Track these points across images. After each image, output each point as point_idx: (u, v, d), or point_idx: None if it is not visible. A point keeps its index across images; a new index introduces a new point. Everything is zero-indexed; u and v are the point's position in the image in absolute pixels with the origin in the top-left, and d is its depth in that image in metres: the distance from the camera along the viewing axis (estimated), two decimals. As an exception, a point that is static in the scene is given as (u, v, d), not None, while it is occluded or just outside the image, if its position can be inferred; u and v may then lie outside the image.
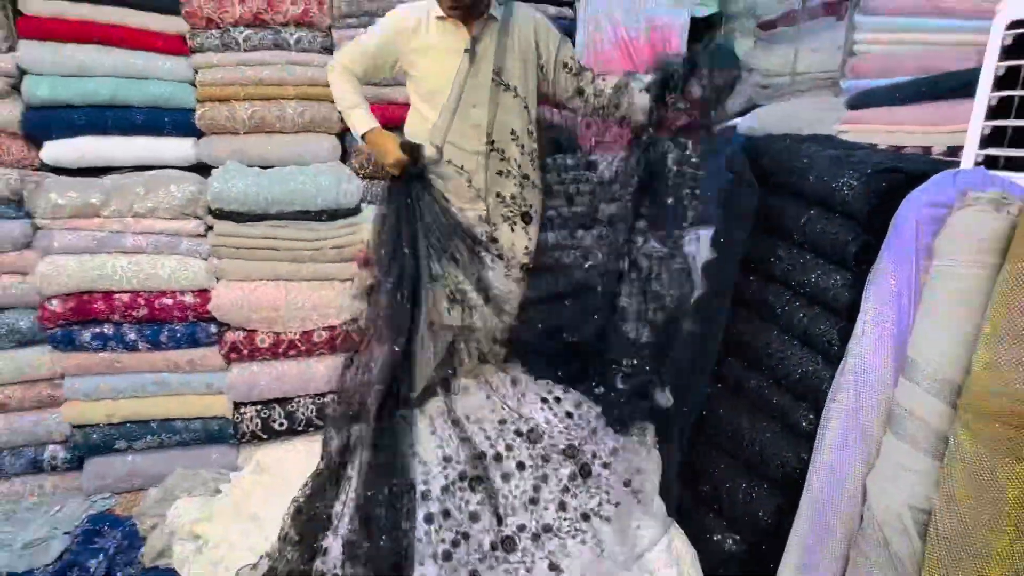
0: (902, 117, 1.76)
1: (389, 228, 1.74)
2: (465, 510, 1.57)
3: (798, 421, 1.44)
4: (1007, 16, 1.19)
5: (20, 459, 1.96)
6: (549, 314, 2.06)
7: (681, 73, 1.74)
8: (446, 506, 1.56)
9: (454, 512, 1.56)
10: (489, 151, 1.81)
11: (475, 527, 1.55)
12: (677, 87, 1.74)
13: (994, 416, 1.04)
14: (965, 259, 1.13)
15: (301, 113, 2.11)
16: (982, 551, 1.03)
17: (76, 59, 1.92)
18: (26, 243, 1.88)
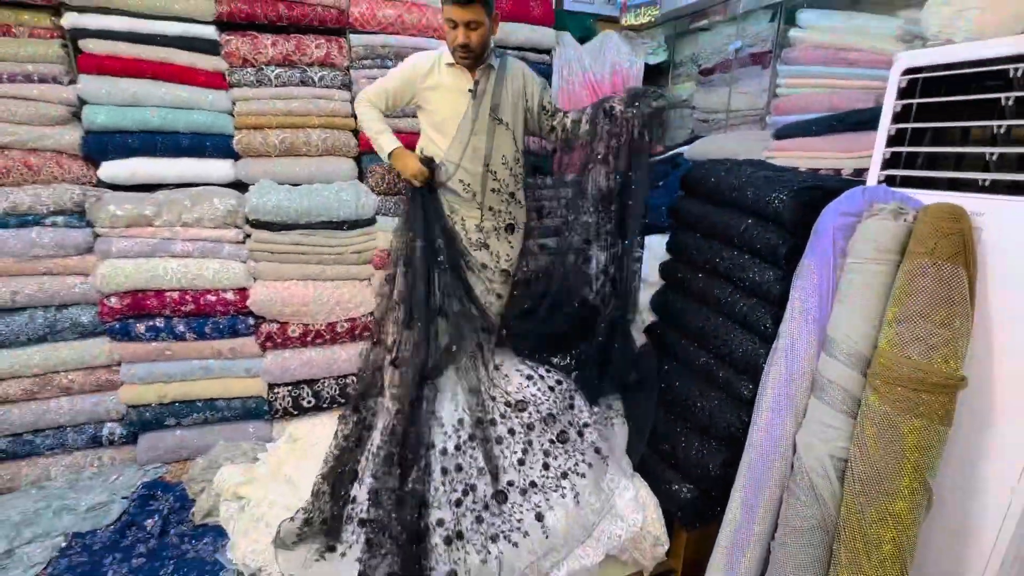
0: (817, 146, 1.78)
1: (410, 227, 1.79)
2: (474, 466, 1.57)
3: (740, 390, 1.45)
4: (901, 66, 1.24)
5: (82, 435, 1.89)
6: (532, 307, 2.07)
7: (609, 106, 1.79)
8: (458, 461, 1.56)
9: (465, 467, 1.56)
10: (486, 172, 1.84)
11: (481, 480, 1.56)
12: (608, 115, 1.78)
13: (896, 381, 1.07)
14: (872, 257, 1.16)
15: (324, 139, 2.08)
16: (889, 489, 1.07)
17: (130, 91, 1.86)
18: (88, 248, 1.81)
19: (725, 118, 2.58)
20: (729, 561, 1.35)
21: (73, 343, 1.85)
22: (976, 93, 1.10)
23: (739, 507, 1.35)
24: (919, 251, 1.08)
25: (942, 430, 1.05)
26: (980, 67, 1.09)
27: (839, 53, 1.91)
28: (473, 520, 1.49)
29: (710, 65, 2.71)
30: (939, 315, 1.04)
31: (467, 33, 1.66)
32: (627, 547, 1.61)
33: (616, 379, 1.89)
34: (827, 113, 1.88)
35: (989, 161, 1.10)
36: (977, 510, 1.12)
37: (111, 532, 1.61)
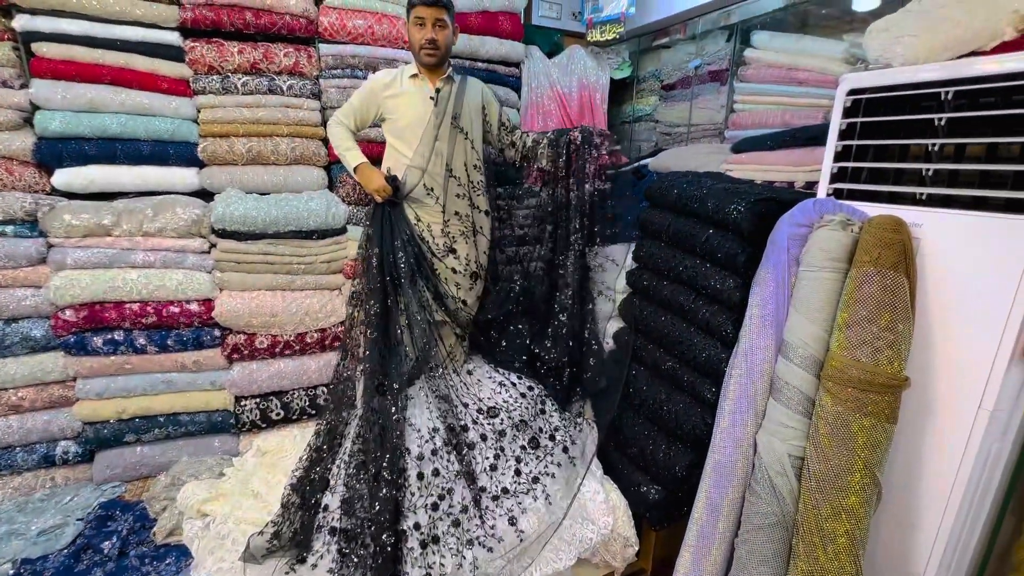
0: (772, 159, 1.85)
1: (372, 240, 1.80)
2: (451, 470, 1.55)
3: (703, 393, 1.48)
4: (846, 87, 1.31)
5: (32, 455, 1.77)
6: (502, 316, 2.07)
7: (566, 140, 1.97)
8: (435, 466, 1.54)
9: (442, 471, 1.54)
10: (448, 175, 1.88)
11: (458, 485, 1.54)
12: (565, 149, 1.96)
13: (847, 382, 1.12)
14: (823, 265, 1.21)
15: (293, 148, 2.04)
16: (842, 485, 1.11)
17: (86, 97, 1.78)
18: (40, 259, 1.71)
19: (686, 131, 2.66)
20: (696, 559, 1.38)
21: (23, 358, 1.74)
22: (913, 114, 1.17)
23: (704, 506, 1.38)
24: (864, 260, 1.14)
25: (889, 427, 1.10)
26: (916, 90, 1.16)
27: (790, 72, 2.00)
28: (450, 524, 1.47)
29: (672, 81, 2.80)
30: (883, 319, 1.10)
31: (435, 30, 1.74)
32: (598, 549, 1.62)
33: (586, 384, 1.91)
34: (781, 128, 1.97)
35: (925, 176, 1.17)
36: (921, 502, 1.18)
37: (64, 556, 1.51)
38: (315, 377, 2.00)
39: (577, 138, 1.94)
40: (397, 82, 1.85)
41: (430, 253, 1.87)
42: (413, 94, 1.84)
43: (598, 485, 1.69)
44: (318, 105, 2.10)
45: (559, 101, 2.66)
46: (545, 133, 2.04)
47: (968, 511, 1.12)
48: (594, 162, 1.94)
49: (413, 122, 1.84)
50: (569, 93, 2.68)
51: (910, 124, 1.19)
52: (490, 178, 2.06)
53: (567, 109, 2.67)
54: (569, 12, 2.92)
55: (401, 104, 1.84)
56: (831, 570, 1.11)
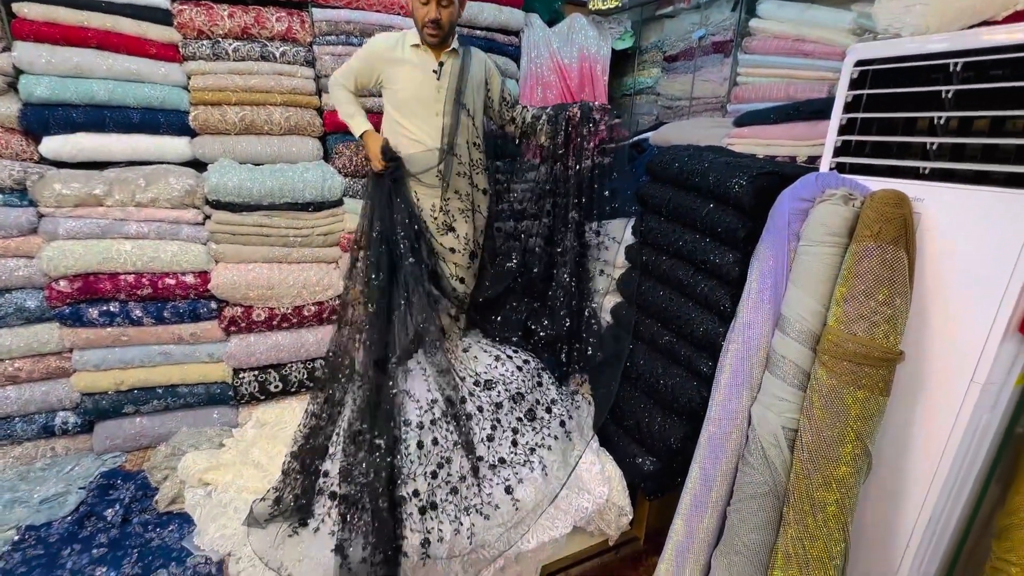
0: (774, 133, 1.83)
1: (370, 212, 1.78)
2: (449, 439, 1.58)
3: (700, 367, 1.50)
4: (854, 57, 1.29)
5: (32, 425, 1.78)
6: (500, 291, 2.07)
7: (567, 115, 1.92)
8: (434, 435, 1.57)
9: (440, 441, 1.57)
10: (450, 154, 1.83)
11: (456, 454, 1.57)
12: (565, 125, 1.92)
13: (843, 356, 1.14)
14: (823, 240, 1.21)
15: (287, 118, 2.00)
16: (833, 455, 1.14)
17: (72, 61, 1.73)
18: (31, 229, 1.68)
19: (688, 105, 2.62)
20: (688, 526, 1.42)
21: (18, 329, 1.73)
22: (921, 86, 1.16)
23: (698, 477, 1.41)
24: (865, 234, 1.14)
25: (882, 400, 1.12)
26: (924, 61, 1.15)
27: (796, 44, 1.96)
28: (448, 492, 1.51)
29: (674, 52, 2.74)
30: (881, 294, 1.11)
31: (439, 9, 1.68)
32: (593, 518, 1.67)
33: (583, 360, 1.92)
34: (784, 102, 1.94)
35: (930, 150, 1.16)
36: (910, 472, 1.21)
37: (68, 523, 1.54)
38: (313, 350, 2.01)
39: (576, 114, 1.91)
40: (399, 49, 1.78)
41: (428, 231, 1.86)
42: (415, 65, 1.78)
43: (594, 456, 1.72)
44: (312, 73, 2.05)
45: (559, 72, 2.60)
46: (544, 109, 2.00)
47: (955, 481, 1.16)
48: (592, 138, 1.91)
49: (413, 95, 1.79)
50: (569, 64, 2.62)
51: (916, 97, 1.18)
52: (488, 155, 2.04)
53: (567, 80, 2.61)
54: (570, -22, 2.83)
55: (402, 74, 1.78)
56: (820, 537, 1.15)
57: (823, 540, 1.14)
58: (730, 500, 1.36)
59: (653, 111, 2.90)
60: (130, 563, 1.41)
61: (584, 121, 1.90)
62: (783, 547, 1.21)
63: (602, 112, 1.92)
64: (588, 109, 1.91)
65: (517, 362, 1.92)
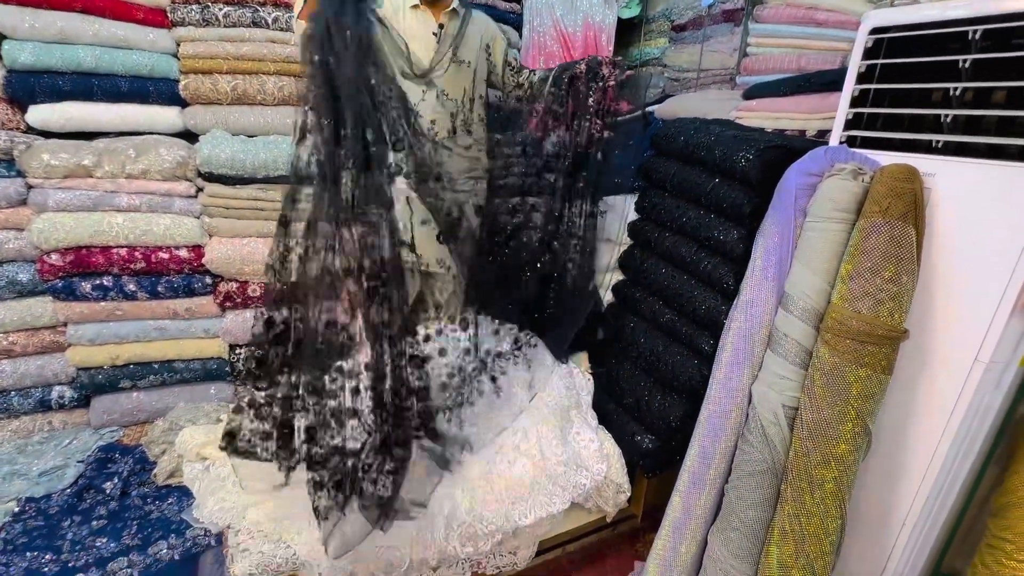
0: (783, 106, 1.81)
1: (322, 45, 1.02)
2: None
3: (701, 345, 1.50)
4: (869, 25, 1.25)
5: (28, 399, 1.80)
6: (500, 267, 2.06)
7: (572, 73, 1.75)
8: None
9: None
10: (454, 60, 1.78)
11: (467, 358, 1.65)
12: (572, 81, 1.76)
13: (846, 334, 1.13)
14: (830, 216, 1.20)
15: (281, 88, 1.96)
16: (833, 434, 1.14)
17: (56, 26, 1.69)
18: (20, 200, 1.67)
19: (696, 77, 2.57)
20: (686, 503, 1.44)
21: (11, 303, 1.73)
22: (937, 55, 1.13)
23: (697, 454, 1.42)
24: (873, 210, 1.13)
25: (884, 379, 1.12)
26: (942, 28, 1.11)
27: (809, 13, 1.91)
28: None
29: (683, 21, 2.67)
30: (888, 271, 1.10)
31: None
32: (591, 495, 1.69)
33: (583, 337, 1.92)
34: (795, 74, 1.91)
35: (944, 123, 1.14)
36: (909, 450, 1.22)
37: (68, 496, 1.57)
38: (310, 326, 2.01)
39: (583, 70, 1.77)
40: (400, 13, 1.74)
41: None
42: (415, 28, 1.74)
43: (592, 434, 1.73)
44: (306, 40, 2.00)
45: (562, 41, 2.55)
46: (551, 70, 1.93)
47: (954, 460, 1.17)
48: (601, 95, 1.81)
49: (414, 59, 1.76)
50: (573, 32, 2.56)
51: (932, 67, 1.15)
52: (490, 128, 1.99)
53: (570, 50, 2.56)
54: (575, -58, 2.74)
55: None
56: (816, 514, 1.16)
57: (820, 517, 1.16)
58: (728, 478, 1.37)
59: (660, 83, 2.85)
60: (130, 535, 1.44)
61: (592, 78, 1.75)
62: (780, 523, 1.23)
63: (611, 66, 1.76)
64: (596, 64, 1.76)
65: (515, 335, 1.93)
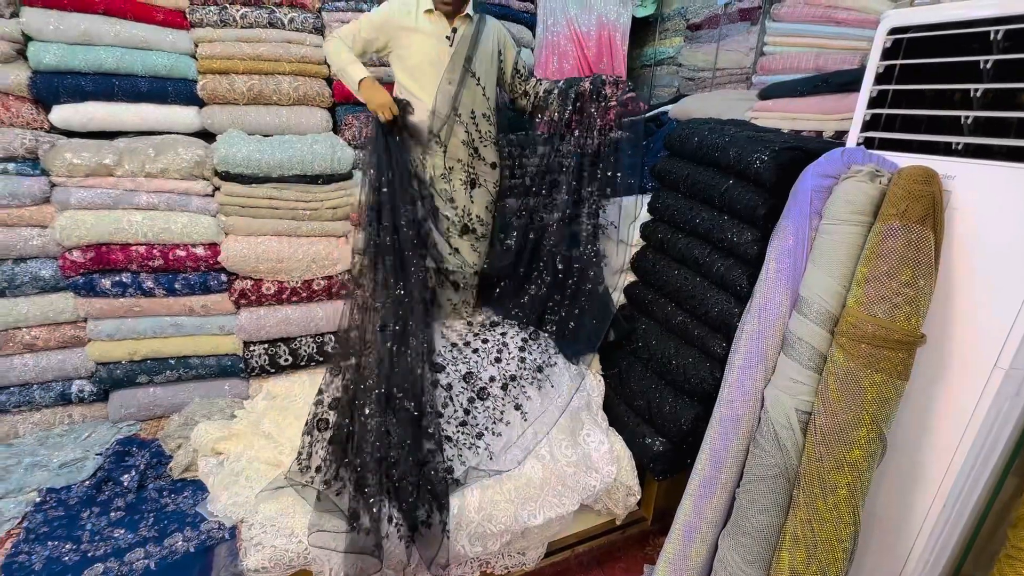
0: (800, 107, 1.81)
1: (375, 170, 1.76)
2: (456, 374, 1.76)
3: (713, 348, 1.51)
4: (888, 24, 1.25)
5: (49, 392, 1.85)
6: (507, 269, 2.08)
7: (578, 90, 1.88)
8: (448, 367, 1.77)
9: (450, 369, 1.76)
10: (455, 118, 1.84)
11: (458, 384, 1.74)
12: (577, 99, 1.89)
13: (861, 339, 1.13)
14: (846, 219, 1.20)
15: (296, 88, 2.00)
16: (847, 439, 1.14)
17: (80, 28, 1.75)
18: (44, 198, 1.72)
19: (711, 76, 2.56)
20: (697, 506, 1.44)
21: (34, 298, 1.78)
22: (959, 55, 1.12)
23: (708, 458, 1.42)
24: (891, 213, 1.12)
25: (900, 384, 1.12)
26: (963, 28, 1.11)
27: (828, 11, 1.91)
28: (457, 425, 1.61)
29: (698, 20, 2.67)
30: (905, 275, 1.09)
31: None
32: (601, 497, 1.70)
33: (594, 338, 1.93)
34: (812, 74, 1.90)
35: (964, 125, 1.13)
36: (926, 457, 1.21)
37: (87, 487, 1.62)
38: (322, 324, 2.04)
39: (587, 89, 1.87)
40: (412, 16, 1.77)
41: (432, 192, 1.86)
42: (427, 33, 1.78)
43: (603, 435, 1.75)
44: (321, 41, 2.04)
45: (576, 40, 2.56)
46: (557, 82, 1.97)
47: (972, 468, 1.16)
48: (603, 115, 1.87)
49: (424, 62, 1.79)
50: (587, 32, 2.57)
51: (952, 67, 1.14)
52: (501, 129, 2.01)
53: (584, 50, 2.57)
54: (590, -60, 2.74)
55: (414, 41, 1.78)
56: (829, 520, 1.16)
57: (832, 523, 1.16)
58: (740, 481, 1.37)
59: (674, 83, 2.85)
60: (146, 526, 1.48)
61: (595, 96, 1.86)
62: (791, 529, 1.23)
63: (615, 86, 1.87)
64: (600, 83, 1.87)
65: (525, 335, 1.96)
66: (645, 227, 1.87)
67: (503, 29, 1.92)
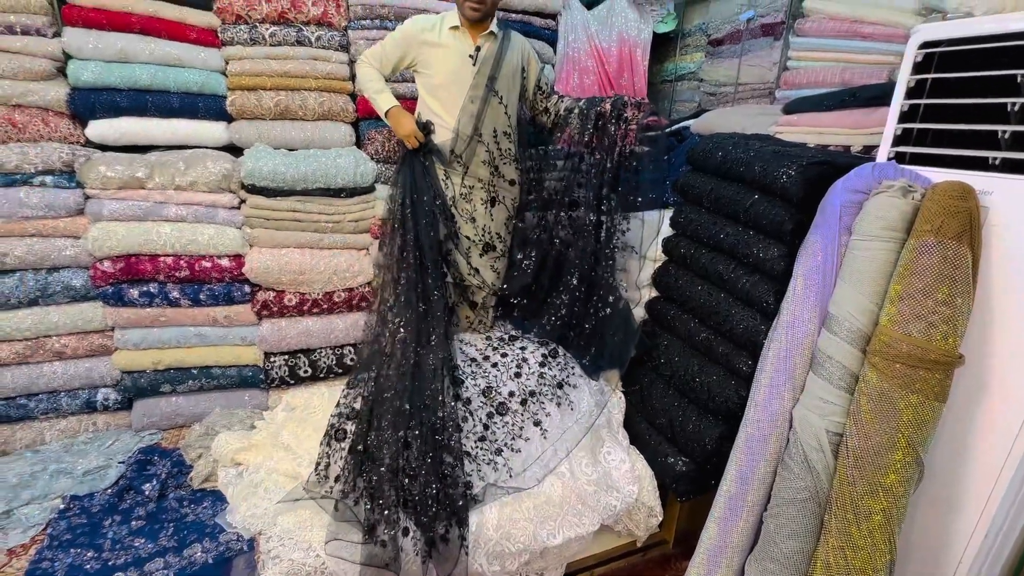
0: (827, 121, 1.78)
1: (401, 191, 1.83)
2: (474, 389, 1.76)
3: (739, 366, 1.48)
4: (919, 39, 1.23)
5: (76, 400, 1.90)
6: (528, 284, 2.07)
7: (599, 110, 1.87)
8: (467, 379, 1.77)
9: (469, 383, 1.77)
10: (476, 139, 1.86)
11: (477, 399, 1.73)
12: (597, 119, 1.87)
13: (895, 358, 1.10)
14: (878, 235, 1.17)
15: (321, 103, 2.05)
16: (881, 463, 1.11)
17: (117, 46, 1.82)
18: (78, 210, 1.79)
19: (733, 91, 2.56)
20: (722, 530, 1.40)
21: (65, 307, 1.84)
22: (993, 69, 1.10)
23: (734, 479, 1.39)
24: (925, 229, 1.10)
25: (937, 406, 1.09)
26: (998, 42, 1.09)
27: (854, 26, 1.90)
28: (476, 440, 1.60)
29: (720, 35, 2.68)
30: (941, 293, 1.07)
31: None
32: (622, 518, 1.67)
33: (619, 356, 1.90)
34: (839, 88, 1.88)
35: (1001, 139, 1.11)
36: (966, 483, 1.17)
37: (109, 495, 1.64)
38: (342, 336, 2.06)
39: (608, 110, 1.84)
40: (436, 31, 1.79)
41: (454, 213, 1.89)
42: (451, 49, 1.79)
43: (624, 454, 1.72)
44: (347, 58, 2.09)
45: (597, 56, 2.58)
46: (579, 101, 1.96)
47: (1016, 495, 1.11)
48: (623, 137, 1.85)
49: (448, 80, 1.81)
50: (608, 48, 2.59)
51: (986, 81, 1.12)
52: (522, 145, 2.02)
53: (605, 65, 2.59)
54: (611, -42, 2.78)
55: (437, 58, 1.80)
56: (864, 547, 1.12)
57: (867, 551, 1.12)
58: (767, 505, 1.34)
59: (695, 98, 2.85)
60: (166, 536, 1.50)
61: (616, 118, 1.84)
62: (823, 556, 1.19)
63: (636, 108, 1.83)
64: (622, 105, 1.83)
65: (544, 350, 1.95)
66: (667, 242, 1.86)
67: (528, 45, 1.93)
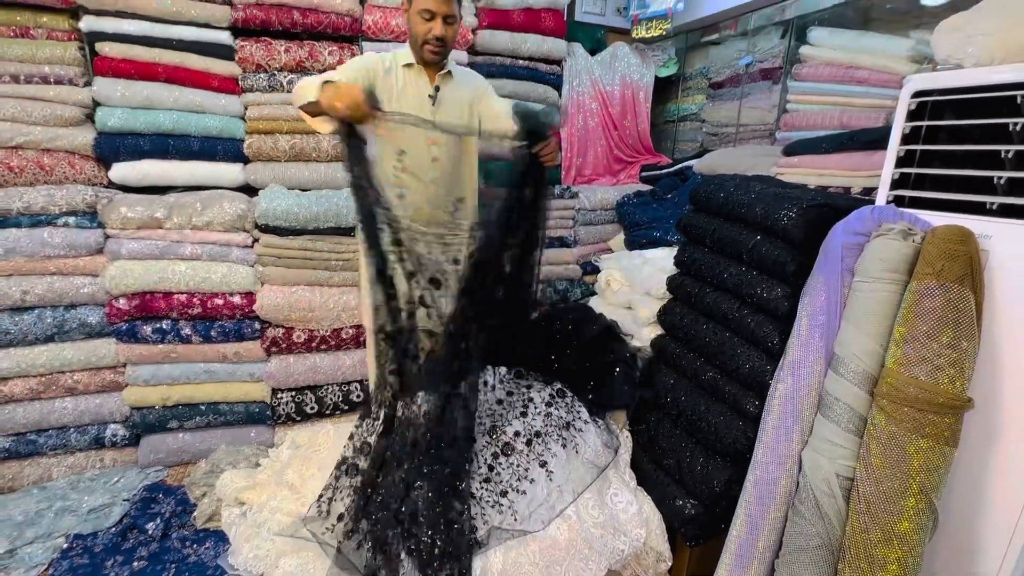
0: (827, 163, 1.81)
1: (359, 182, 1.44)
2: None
3: (746, 406, 1.46)
4: (912, 88, 1.28)
5: (85, 436, 1.91)
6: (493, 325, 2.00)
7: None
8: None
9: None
10: (454, 202, 1.80)
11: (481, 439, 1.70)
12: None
13: (903, 401, 1.09)
14: (880, 276, 1.18)
15: (334, 145, 2.13)
16: (894, 509, 1.08)
17: (143, 94, 1.92)
18: (98, 249, 1.85)
19: (735, 132, 2.62)
20: (733, 578, 1.37)
21: (80, 343, 1.88)
22: (985, 117, 1.14)
23: (744, 524, 1.36)
24: (926, 272, 1.11)
25: (948, 451, 1.07)
26: (989, 92, 1.13)
27: (849, 71, 1.95)
28: (481, 482, 1.57)
29: (720, 79, 2.76)
30: (946, 336, 1.07)
31: (444, 26, 1.61)
32: (629, 563, 1.62)
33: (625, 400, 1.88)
34: (837, 130, 1.93)
35: (997, 185, 1.13)
36: (984, 530, 1.14)
37: (112, 534, 1.63)
38: (349, 373, 2.08)
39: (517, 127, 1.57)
40: (393, 70, 1.69)
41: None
42: (408, 91, 1.70)
43: (631, 496, 1.69)
44: (360, 102, 2.18)
45: (600, 99, 2.67)
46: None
47: (1036, 544, 1.08)
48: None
49: (408, 132, 1.62)
50: (611, 90, 2.69)
51: (980, 129, 1.15)
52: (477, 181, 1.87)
53: (608, 107, 2.68)
54: (614, 8, 2.92)
55: (395, 101, 1.67)
56: (880, 598, 1.09)
57: (884, 602, 1.08)
58: (779, 551, 1.30)
59: (698, 138, 2.92)
60: (168, 578, 1.48)
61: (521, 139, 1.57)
62: (838, 607, 1.15)
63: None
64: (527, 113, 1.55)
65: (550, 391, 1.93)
66: (672, 280, 1.87)
67: (481, 81, 1.85)
